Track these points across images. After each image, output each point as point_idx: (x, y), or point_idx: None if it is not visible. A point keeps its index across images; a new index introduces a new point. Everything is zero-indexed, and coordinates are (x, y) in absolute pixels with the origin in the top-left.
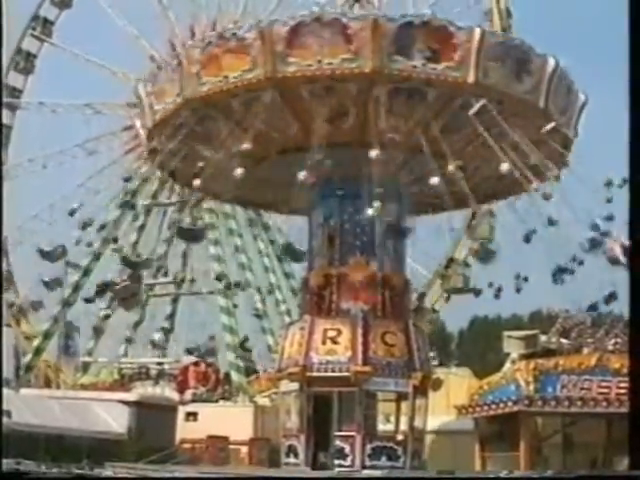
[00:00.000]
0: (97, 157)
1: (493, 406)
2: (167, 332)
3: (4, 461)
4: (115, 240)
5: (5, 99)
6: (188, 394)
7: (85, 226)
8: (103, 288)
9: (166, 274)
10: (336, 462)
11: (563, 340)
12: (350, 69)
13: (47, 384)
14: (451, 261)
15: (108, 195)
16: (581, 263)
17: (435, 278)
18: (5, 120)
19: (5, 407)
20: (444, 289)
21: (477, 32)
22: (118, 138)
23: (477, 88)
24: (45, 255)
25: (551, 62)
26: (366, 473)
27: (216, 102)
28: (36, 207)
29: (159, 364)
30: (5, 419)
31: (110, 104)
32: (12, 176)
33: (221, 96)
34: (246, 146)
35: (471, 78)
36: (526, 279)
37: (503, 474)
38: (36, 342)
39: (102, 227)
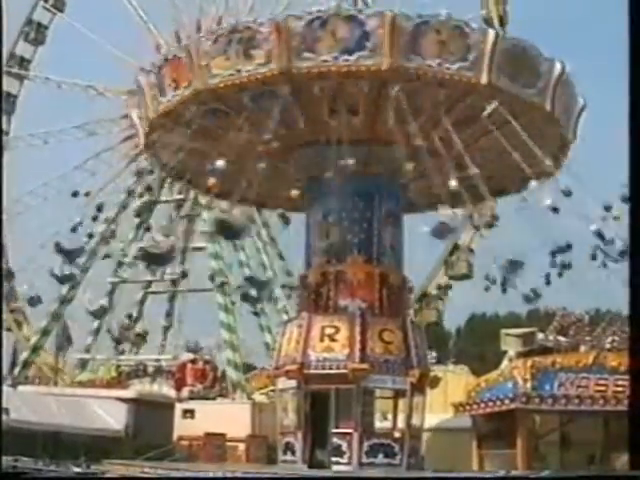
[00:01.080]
0: (96, 139)
1: (490, 404)
2: (165, 329)
3: (2, 458)
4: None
5: (13, 69)
6: (185, 391)
7: (100, 209)
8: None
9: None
10: (333, 459)
11: (560, 338)
12: (366, 66)
13: (45, 381)
14: (455, 248)
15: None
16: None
17: (439, 265)
18: (11, 89)
19: (3, 404)
20: (448, 275)
21: (491, 34)
22: (117, 125)
23: (489, 89)
24: (65, 253)
25: (558, 66)
26: (364, 473)
27: (226, 96)
28: (33, 183)
29: (156, 361)
30: (3, 416)
31: (113, 89)
32: (12, 147)
33: (232, 89)
34: (268, 137)
35: (484, 79)
36: (494, 281)
37: (501, 474)
38: (34, 339)
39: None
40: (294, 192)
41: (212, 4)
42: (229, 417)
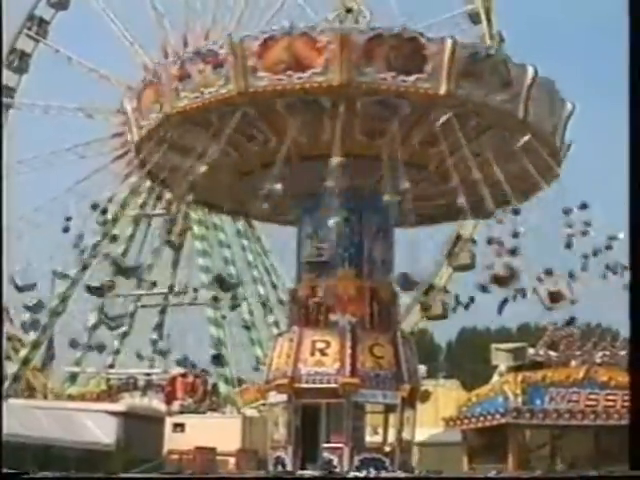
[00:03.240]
0: (87, 162)
1: (481, 418)
2: (155, 343)
3: None
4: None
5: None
6: (176, 405)
7: (95, 207)
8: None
9: (154, 285)
10: (326, 469)
11: (551, 353)
12: (319, 82)
13: (34, 394)
14: (458, 238)
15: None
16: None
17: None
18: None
19: None
20: (452, 266)
21: (448, 43)
22: (108, 145)
23: (450, 100)
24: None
25: (530, 71)
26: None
27: (194, 117)
28: (23, 208)
29: (147, 375)
30: None
31: (102, 109)
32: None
33: (198, 111)
34: (203, 169)
35: (442, 90)
36: (472, 299)
37: (492, 474)
38: (23, 352)
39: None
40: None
41: (198, 20)
42: (219, 431)
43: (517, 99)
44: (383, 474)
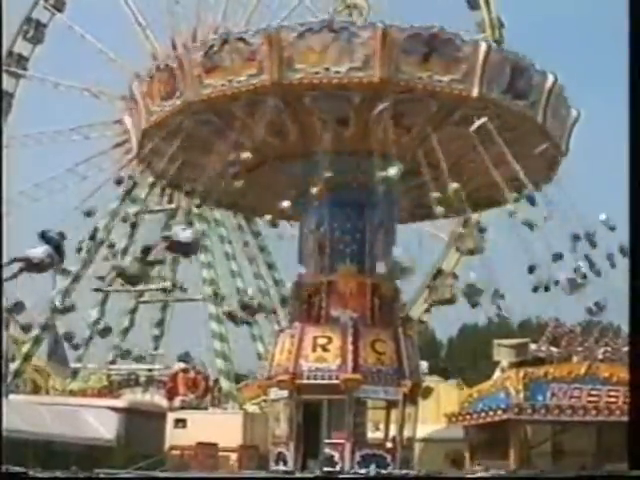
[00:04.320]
0: (88, 143)
1: (483, 414)
2: (157, 339)
3: None
4: (112, 246)
5: (10, 68)
6: (177, 401)
7: (90, 214)
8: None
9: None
10: (325, 470)
11: (553, 349)
12: (359, 78)
13: (36, 390)
14: (439, 273)
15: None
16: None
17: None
18: (8, 88)
19: None
20: (460, 251)
21: (483, 46)
22: (110, 129)
23: (480, 102)
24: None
25: (550, 78)
26: (359, 473)
27: (217, 106)
28: (24, 183)
29: (148, 371)
30: None
31: (108, 92)
32: (6, 145)
33: (223, 100)
34: (246, 155)
35: (475, 92)
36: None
37: (494, 474)
38: (25, 348)
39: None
40: (285, 204)
41: (209, 14)
42: (221, 427)
43: (537, 105)
44: (382, 472)
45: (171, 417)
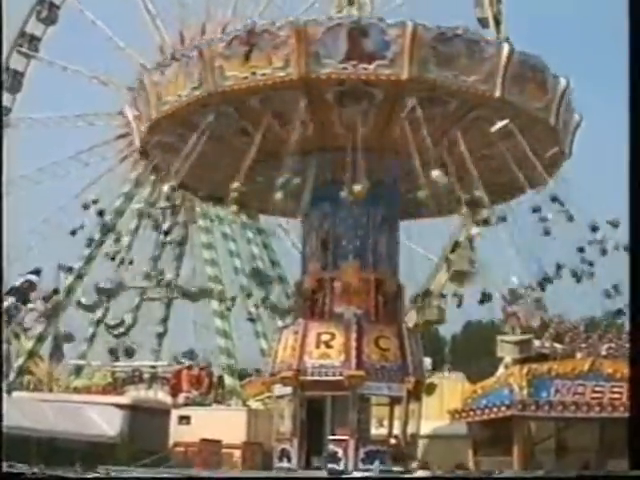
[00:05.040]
0: (91, 168)
1: (486, 410)
2: (160, 336)
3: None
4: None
5: (22, 48)
6: (181, 397)
7: (87, 207)
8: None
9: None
10: (329, 466)
11: (556, 345)
12: (386, 75)
13: (39, 387)
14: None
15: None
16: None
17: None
18: (19, 67)
19: None
20: (420, 320)
21: (506, 48)
22: (112, 148)
23: (500, 103)
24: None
25: (563, 82)
26: (360, 474)
27: (236, 99)
28: (31, 222)
29: (152, 367)
30: None
31: (102, 115)
32: (13, 125)
33: (245, 93)
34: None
35: (497, 93)
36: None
37: (495, 473)
38: (29, 345)
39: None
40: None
41: (219, 9)
42: (225, 423)
43: (550, 108)
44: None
45: (175, 414)
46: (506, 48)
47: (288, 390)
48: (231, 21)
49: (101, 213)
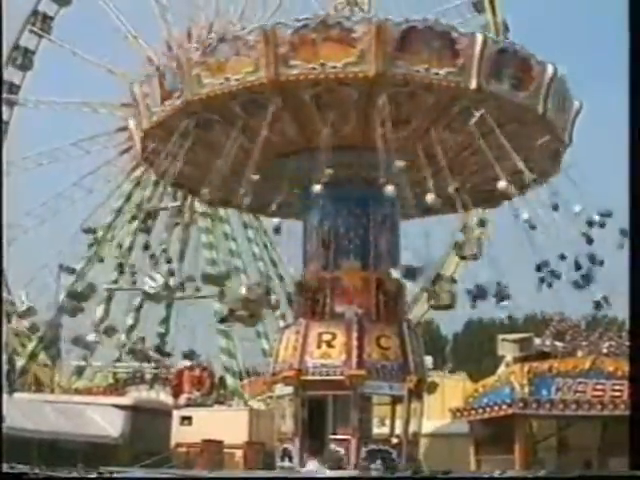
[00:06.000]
0: (92, 157)
1: (488, 409)
2: (162, 336)
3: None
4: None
5: (3, 95)
6: (183, 398)
7: (88, 232)
8: None
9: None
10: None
11: (557, 343)
12: (354, 73)
13: (41, 388)
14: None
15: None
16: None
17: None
18: (2, 115)
19: None
20: (430, 305)
21: (479, 38)
22: (113, 139)
23: (478, 94)
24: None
25: (550, 69)
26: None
27: (216, 105)
28: (29, 204)
29: (154, 368)
30: None
31: (107, 104)
32: (6, 173)
33: (222, 98)
34: (255, 176)
35: (473, 84)
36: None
37: (497, 474)
38: (30, 346)
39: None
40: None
41: (202, 12)
42: (226, 424)
43: (537, 96)
44: (387, 474)
45: (177, 414)
46: (480, 38)
47: (289, 390)
48: (215, 22)
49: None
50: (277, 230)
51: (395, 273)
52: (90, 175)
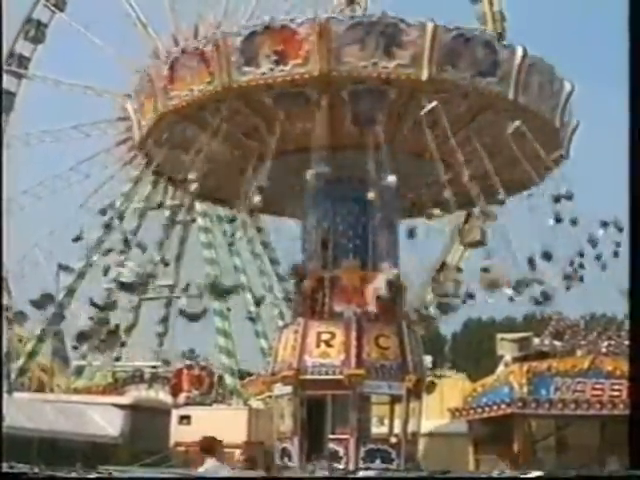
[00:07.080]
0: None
1: (487, 408)
2: (161, 336)
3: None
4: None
5: (11, 68)
6: (182, 397)
7: (104, 212)
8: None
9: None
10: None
11: (556, 342)
12: (300, 74)
13: (41, 388)
14: (443, 266)
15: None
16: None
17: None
18: (10, 87)
19: None
20: (435, 293)
21: (429, 27)
22: (114, 127)
23: (433, 84)
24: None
25: (519, 52)
26: (361, 474)
27: (186, 114)
28: (26, 182)
29: (153, 367)
30: None
31: (111, 91)
32: (8, 145)
33: (189, 108)
34: (195, 183)
35: (424, 75)
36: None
37: (495, 474)
38: (30, 345)
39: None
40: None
41: (210, 10)
42: (225, 423)
43: (507, 81)
44: (388, 474)
45: (176, 414)
46: (429, 26)
47: (288, 389)
48: (223, 22)
49: (104, 212)
50: None
51: (394, 272)
52: (88, 161)
